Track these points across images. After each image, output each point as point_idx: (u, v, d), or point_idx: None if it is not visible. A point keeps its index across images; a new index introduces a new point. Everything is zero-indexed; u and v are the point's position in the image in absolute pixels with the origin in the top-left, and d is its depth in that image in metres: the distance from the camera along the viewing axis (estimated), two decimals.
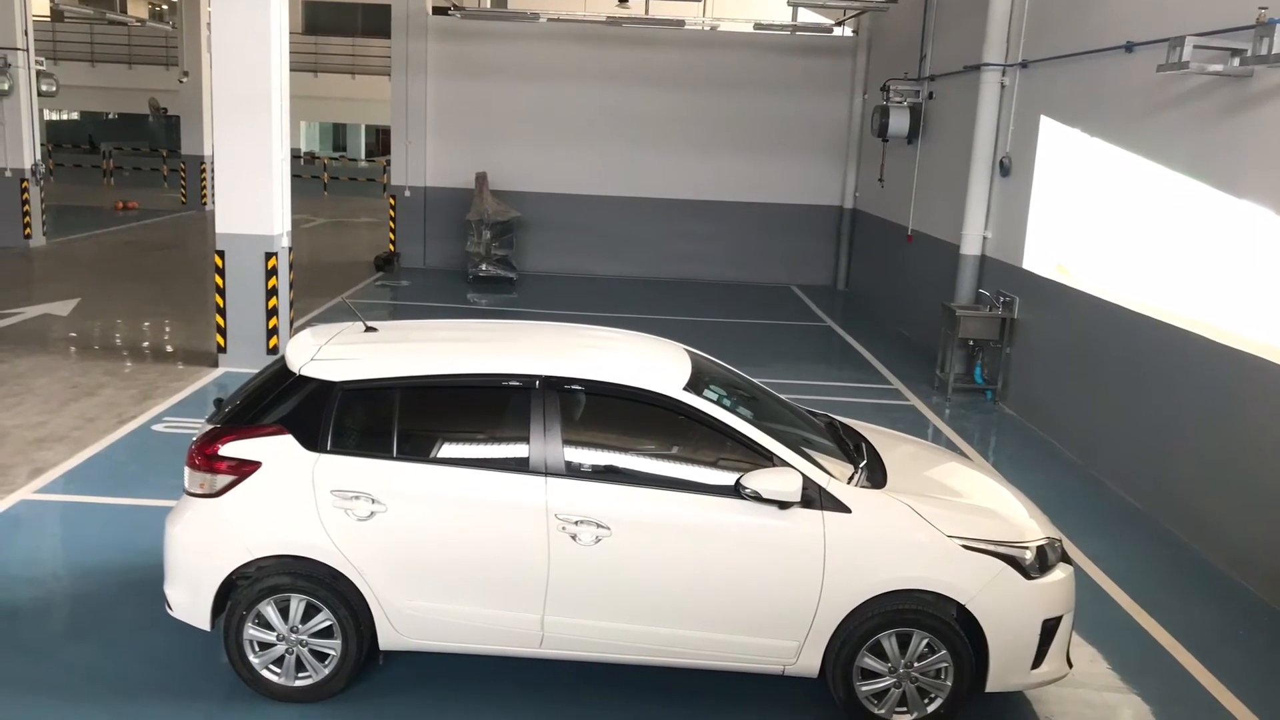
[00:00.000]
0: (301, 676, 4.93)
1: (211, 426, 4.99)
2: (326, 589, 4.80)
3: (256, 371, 5.54)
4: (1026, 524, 5.10)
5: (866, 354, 13.55)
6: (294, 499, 4.77)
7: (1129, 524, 7.97)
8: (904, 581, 4.76)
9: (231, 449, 4.83)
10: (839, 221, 19.10)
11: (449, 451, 4.95)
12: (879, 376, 12.35)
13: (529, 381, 4.94)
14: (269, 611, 4.83)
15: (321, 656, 4.92)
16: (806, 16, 18.78)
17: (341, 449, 4.83)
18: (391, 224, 19.19)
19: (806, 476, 4.76)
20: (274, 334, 10.89)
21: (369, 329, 5.47)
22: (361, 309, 5.79)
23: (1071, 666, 5.11)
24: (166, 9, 29.26)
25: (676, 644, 4.89)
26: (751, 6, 20.95)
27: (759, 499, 4.70)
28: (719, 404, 4.99)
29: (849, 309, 17.24)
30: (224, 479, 4.81)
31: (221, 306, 10.84)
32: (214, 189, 10.94)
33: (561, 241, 19.03)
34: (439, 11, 18.67)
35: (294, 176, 11.32)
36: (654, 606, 4.83)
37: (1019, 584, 4.79)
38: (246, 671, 4.90)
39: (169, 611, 5.00)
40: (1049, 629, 4.86)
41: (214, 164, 10.72)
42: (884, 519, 4.82)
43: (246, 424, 4.91)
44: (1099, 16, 9.56)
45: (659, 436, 5.11)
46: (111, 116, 40.89)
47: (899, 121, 14.66)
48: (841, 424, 5.97)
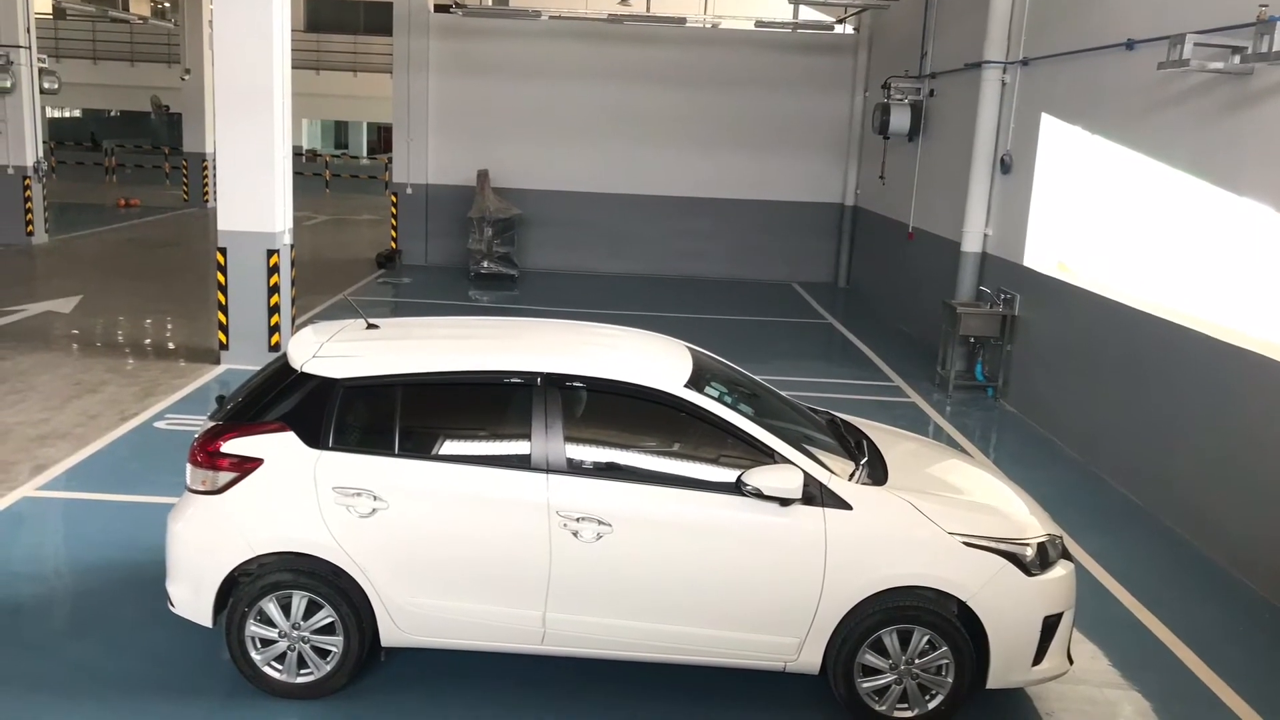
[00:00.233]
0: (303, 673, 4.94)
1: (213, 424, 4.99)
2: (328, 586, 4.81)
3: (258, 369, 5.55)
4: (1027, 521, 5.10)
5: (867, 351, 13.56)
6: (296, 496, 4.78)
7: (1130, 521, 7.98)
8: (905, 578, 4.77)
9: (233, 446, 4.84)
10: (840, 219, 19.10)
11: (451, 448, 4.96)
12: (880, 374, 12.36)
13: (530, 378, 4.94)
14: (271, 608, 4.84)
15: (323, 653, 4.92)
16: (807, 14, 18.77)
17: (343, 446, 4.84)
18: (393, 221, 19.21)
19: (808, 473, 4.77)
20: (276, 331, 10.90)
21: (371, 326, 5.48)
22: (363, 306, 5.81)
23: (1072, 663, 5.12)
24: (169, 6, 29.24)
25: (678, 641, 4.89)
26: (752, 4, 20.91)
27: (760, 496, 4.71)
28: (720, 401, 4.99)
29: (850, 306, 17.24)
30: (226, 476, 4.82)
31: (223, 304, 10.85)
32: (216, 186, 10.96)
33: (563, 239, 19.04)
34: (441, 9, 18.67)
35: (296, 174, 11.32)
36: (655, 603, 4.84)
37: (1020, 581, 4.80)
38: (248, 668, 4.91)
39: (171, 608, 5.01)
40: (1050, 626, 4.87)
41: (216, 161, 10.74)
42: (885, 516, 4.83)
43: (248, 421, 4.92)
44: (1100, 14, 9.56)
45: (660, 433, 5.12)
46: (113, 114, 40.84)
47: (900, 119, 14.66)
48: (842, 421, 5.97)
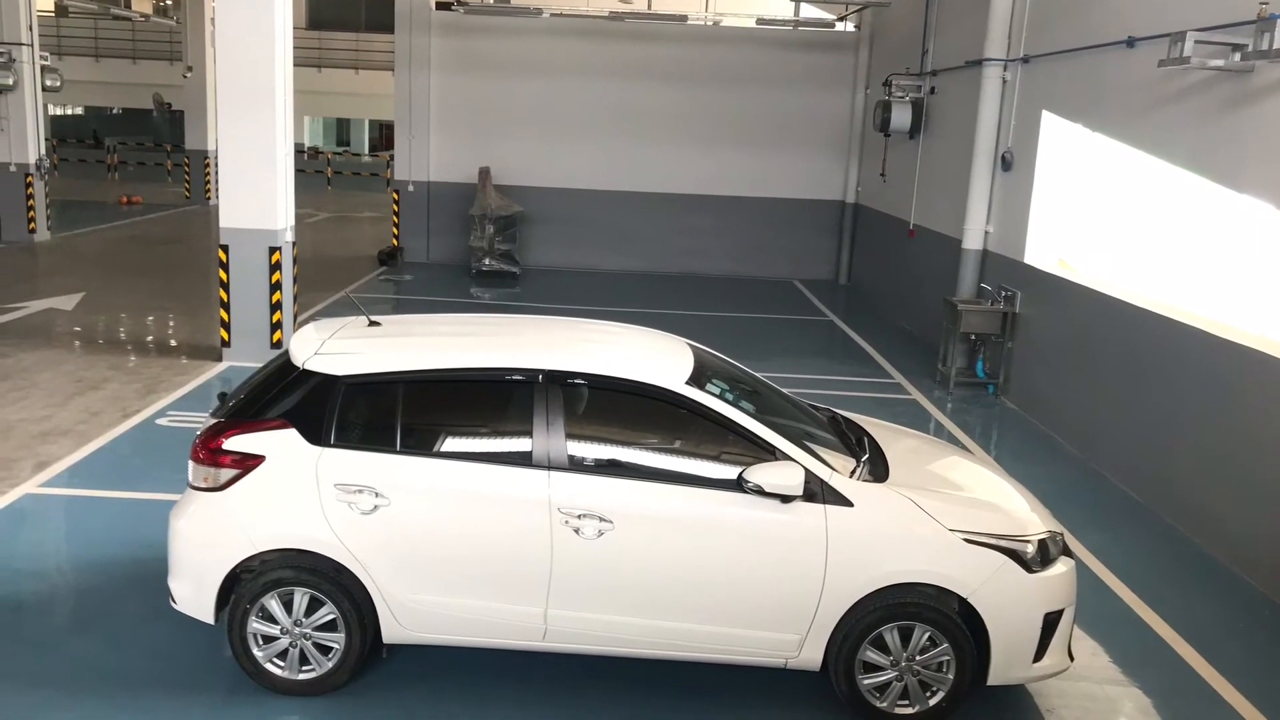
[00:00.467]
0: (305, 670, 4.95)
1: (215, 421, 5.00)
2: (330, 582, 4.82)
3: (260, 366, 5.56)
4: (1028, 518, 5.11)
5: (868, 348, 13.56)
6: (298, 493, 4.79)
7: (1130, 517, 7.99)
8: (906, 575, 4.77)
9: (235, 443, 4.85)
10: (841, 216, 19.10)
11: (452, 445, 4.97)
12: (881, 371, 12.36)
13: (532, 376, 4.95)
14: (273, 605, 4.85)
15: (325, 650, 4.93)
16: (809, 11, 18.76)
17: (345, 443, 4.85)
18: (395, 219, 19.22)
19: (809, 470, 4.78)
20: (278, 328, 10.91)
21: (372, 323, 5.49)
22: (365, 303, 5.81)
23: (1073, 660, 5.12)
24: (171, 4, 29.20)
25: (679, 637, 4.90)
26: (754, 2, 20.86)
27: (761, 493, 4.71)
28: (721, 398, 5.00)
29: (851, 303, 17.24)
30: (228, 473, 4.83)
31: (225, 301, 10.86)
32: (218, 183, 10.97)
33: (564, 236, 19.04)
34: (442, 7, 18.66)
35: (297, 171, 11.33)
36: (657, 600, 4.84)
37: (1021, 577, 4.80)
38: (250, 665, 4.92)
39: (173, 605, 5.02)
40: (1050, 622, 4.88)
41: (218, 159, 10.74)
42: (886, 513, 4.84)
43: (250, 418, 4.93)
44: (1100, 11, 9.55)
45: (662, 431, 5.12)
46: (116, 111, 40.89)
47: (901, 116, 14.67)
48: (844, 418, 5.97)
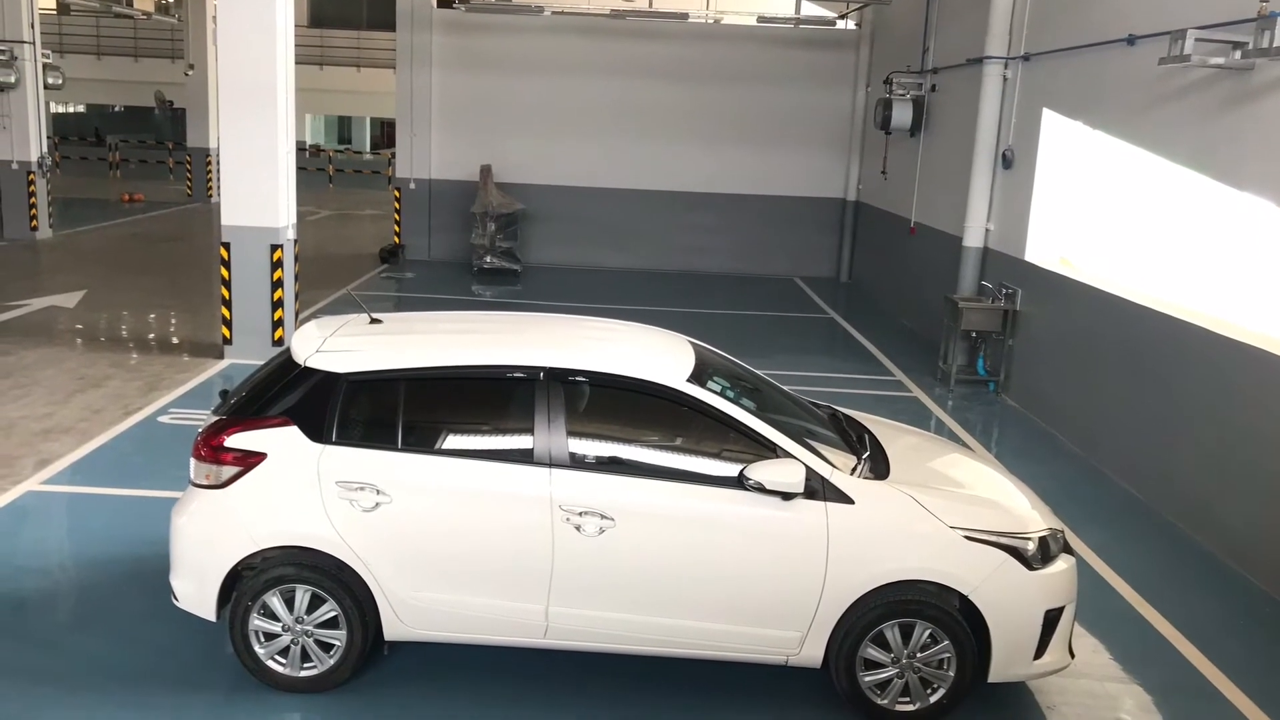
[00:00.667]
0: (307, 667, 4.96)
1: (217, 418, 5.01)
2: (331, 580, 4.82)
3: (262, 363, 5.57)
4: (1029, 515, 5.11)
5: (869, 346, 13.56)
6: (299, 490, 4.79)
7: (1131, 515, 7.99)
8: (907, 572, 4.78)
9: (237, 440, 4.85)
10: (842, 214, 19.10)
11: (453, 443, 4.97)
12: (882, 368, 12.36)
13: (533, 373, 4.95)
14: (274, 602, 4.86)
15: (326, 647, 4.94)
16: (809, 9, 18.78)
17: (346, 440, 4.86)
18: (396, 216, 19.24)
19: (810, 468, 4.78)
20: (279, 326, 10.92)
21: (374, 321, 5.50)
22: (366, 301, 5.80)
23: (1073, 657, 5.13)
24: (172, 2, 29.24)
25: (680, 634, 4.91)
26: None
27: (762, 490, 4.71)
28: (722, 395, 5.00)
29: (852, 301, 17.24)
30: (229, 470, 4.83)
31: (227, 298, 10.86)
32: (219, 181, 10.97)
33: (565, 234, 19.04)
34: (444, 4, 18.67)
35: (299, 169, 11.34)
36: (658, 597, 4.85)
37: (1021, 575, 4.81)
38: (252, 662, 4.93)
39: (174, 602, 5.03)
40: (1051, 620, 4.88)
41: (219, 156, 10.76)
42: (887, 510, 4.84)
43: (252, 416, 4.93)
44: (1101, 10, 9.55)
45: (663, 428, 5.12)
46: (117, 109, 40.88)
47: (902, 114, 14.67)
48: (844, 415, 5.98)
